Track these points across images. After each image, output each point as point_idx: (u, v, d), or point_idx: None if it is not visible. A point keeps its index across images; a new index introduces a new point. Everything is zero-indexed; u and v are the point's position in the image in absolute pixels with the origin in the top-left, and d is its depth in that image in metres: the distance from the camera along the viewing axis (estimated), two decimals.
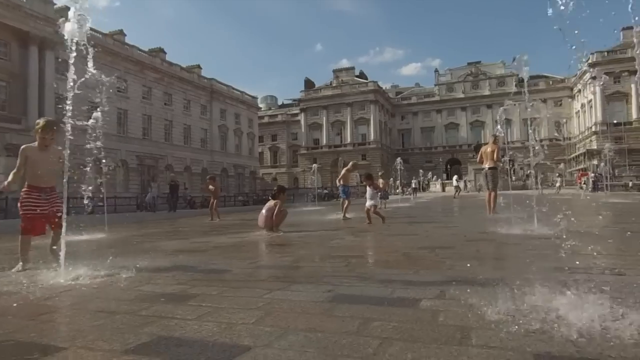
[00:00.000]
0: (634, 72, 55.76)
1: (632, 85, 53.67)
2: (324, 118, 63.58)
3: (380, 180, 15.28)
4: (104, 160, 7.20)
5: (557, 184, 27.03)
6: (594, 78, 54.67)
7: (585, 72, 57.03)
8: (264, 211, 7.17)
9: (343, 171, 10.28)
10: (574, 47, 2.60)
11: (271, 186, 61.93)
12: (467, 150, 58.69)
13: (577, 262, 3.37)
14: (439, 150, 66.68)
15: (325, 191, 37.81)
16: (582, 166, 54.60)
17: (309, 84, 67.64)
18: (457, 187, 26.37)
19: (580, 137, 59.75)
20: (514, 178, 57.45)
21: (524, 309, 2.01)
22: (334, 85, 65.28)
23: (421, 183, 45.66)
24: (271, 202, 7.26)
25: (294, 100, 70.59)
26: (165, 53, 45.91)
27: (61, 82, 32.76)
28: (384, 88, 71.96)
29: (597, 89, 54.32)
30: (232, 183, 50.40)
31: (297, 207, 18.81)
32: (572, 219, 7.07)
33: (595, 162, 53.29)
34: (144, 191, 33.55)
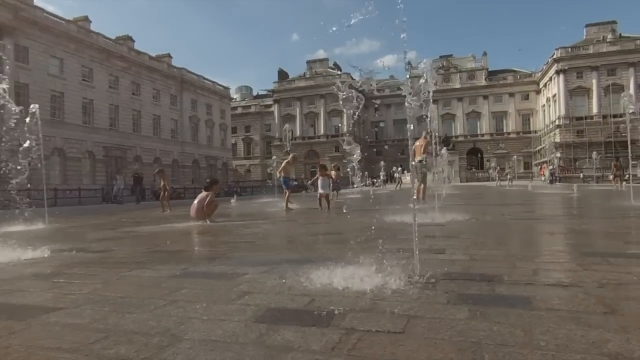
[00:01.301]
0: (596, 68, 58.06)
1: (594, 81, 56.02)
2: (298, 109, 63.71)
3: (333, 172, 15.98)
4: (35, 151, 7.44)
5: (509, 177, 28.31)
6: (557, 73, 56.63)
7: (550, 68, 59.09)
8: (195, 202, 7.56)
9: (283, 163, 10.75)
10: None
11: (244, 178, 61.82)
12: (438, 143, 59.92)
13: (425, 244, 3.92)
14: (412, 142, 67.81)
15: (295, 182, 38.18)
16: (545, 159, 56.80)
17: (282, 75, 67.44)
18: (399, 180, 26.98)
19: (545, 130, 61.92)
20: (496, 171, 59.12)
21: (307, 278, 2.51)
22: (307, 76, 65.36)
23: (392, 175, 46.58)
24: (203, 194, 7.65)
25: (269, 91, 70.30)
26: (133, 41, 44.98)
27: (22, 70, 31.89)
28: (359, 80, 72.43)
29: (561, 84, 56.28)
30: (204, 175, 50.04)
31: (257, 198, 19.20)
32: (485, 209, 7.74)
33: (558, 154, 55.57)
34: (111, 183, 33.16)
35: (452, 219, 6.24)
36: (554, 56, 57.10)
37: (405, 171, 50.59)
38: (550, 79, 59.59)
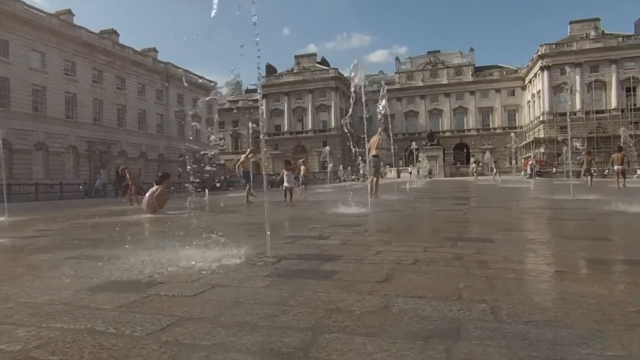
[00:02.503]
0: (579, 65, 58.68)
1: (577, 77, 56.80)
2: (285, 104, 63.87)
3: (302, 167, 16.51)
4: None
5: (495, 171, 28.68)
6: (542, 69, 57.33)
7: (535, 64, 59.80)
8: (147, 195, 7.90)
9: (242, 158, 11.11)
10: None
11: (232, 172, 62.01)
12: (424, 137, 60.47)
13: (323, 231, 4.31)
14: (399, 137, 68.24)
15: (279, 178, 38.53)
16: (530, 154, 57.60)
17: (270, 70, 67.44)
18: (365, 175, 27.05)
19: (530, 125, 62.77)
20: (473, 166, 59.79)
21: (173, 258, 2.88)
22: (295, 71, 65.47)
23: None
24: (154, 187, 7.99)
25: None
26: (118, 35, 44.81)
27: (1, 64, 31.73)
28: (349, 75, 72.76)
29: (545, 80, 57.01)
30: (190, 169, 50.15)
31: (237, 192, 19.53)
32: (428, 202, 8.13)
33: (542, 149, 56.39)
34: (95, 178, 33.21)
35: (382, 210, 6.66)
36: (539, 52, 57.79)
37: (387, 165, 51.17)
38: (535, 75, 60.30)
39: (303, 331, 1.54)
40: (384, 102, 10.68)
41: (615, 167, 12.10)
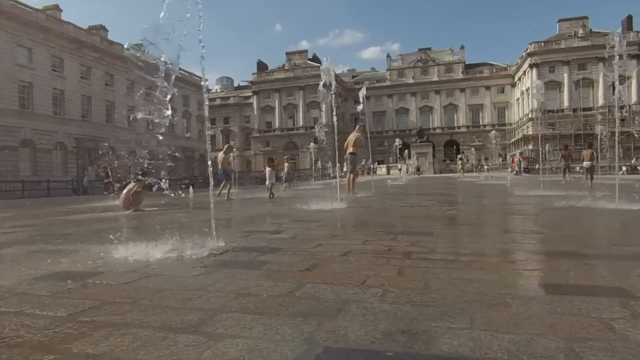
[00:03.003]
0: (567, 63, 59.23)
1: (565, 75, 57.51)
2: (277, 101, 63.91)
3: (285, 164, 16.82)
4: None
5: (485, 168, 29.07)
6: (531, 66, 57.92)
7: (524, 62, 60.39)
8: (124, 192, 8.06)
9: (220, 155, 11.30)
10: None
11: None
12: (415, 134, 60.80)
13: (281, 226, 4.53)
14: (390, 134, 68.62)
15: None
16: (519, 150, 58.25)
17: (261, 66, 67.39)
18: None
19: (519, 122, 63.42)
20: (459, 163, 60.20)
21: (124, 252, 3.08)
22: (286, 68, 65.46)
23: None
24: (131, 184, 8.16)
25: (250, 82, 70.17)
26: (106, 30, 44.62)
27: None
28: (341, 72, 72.97)
29: (534, 77, 57.57)
30: (181, 166, 50.13)
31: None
32: (399, 198, 8.35)
33: (530, 147, 57.05)
34: (83, 175, 33.11)
35: (350, 207, 6.89)
36: (528, 50, 58.37)
37: (376, 162, 51.63)
38: (525, 72, 60.90)
39: (206, 311, 1.76)
40: (363, 101, 10.89)
41: (584, 164, 12.42)
